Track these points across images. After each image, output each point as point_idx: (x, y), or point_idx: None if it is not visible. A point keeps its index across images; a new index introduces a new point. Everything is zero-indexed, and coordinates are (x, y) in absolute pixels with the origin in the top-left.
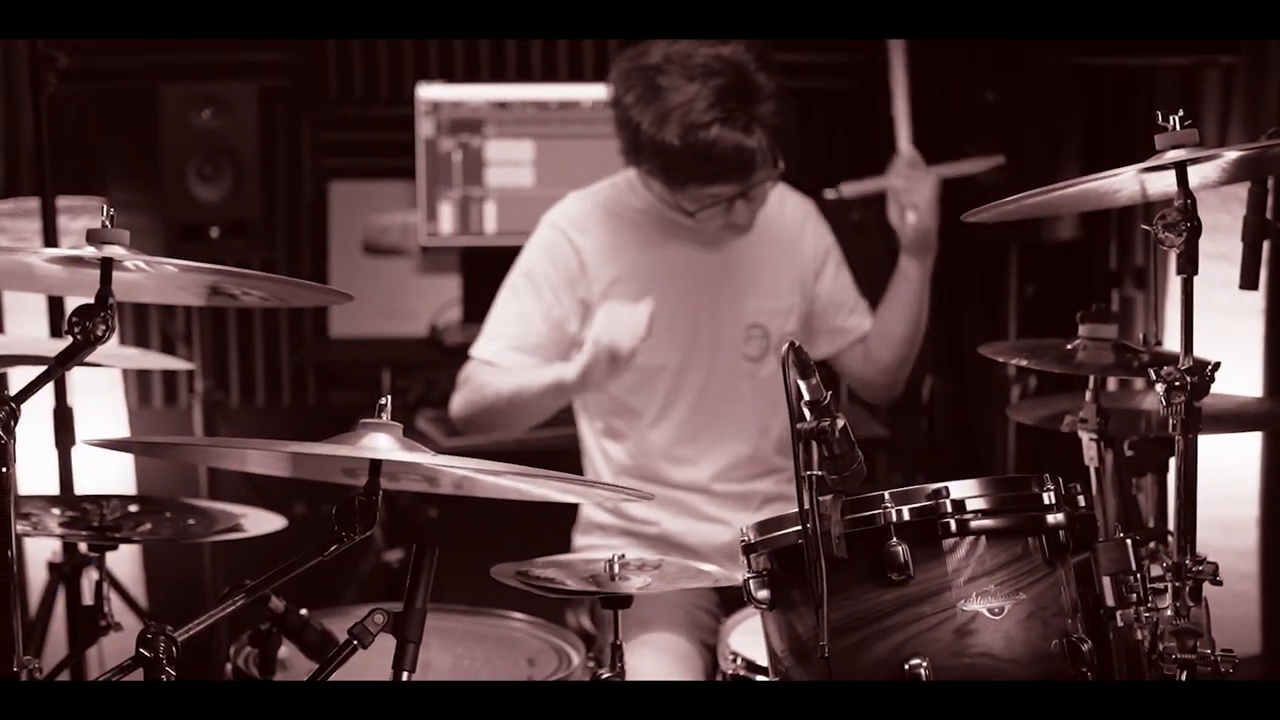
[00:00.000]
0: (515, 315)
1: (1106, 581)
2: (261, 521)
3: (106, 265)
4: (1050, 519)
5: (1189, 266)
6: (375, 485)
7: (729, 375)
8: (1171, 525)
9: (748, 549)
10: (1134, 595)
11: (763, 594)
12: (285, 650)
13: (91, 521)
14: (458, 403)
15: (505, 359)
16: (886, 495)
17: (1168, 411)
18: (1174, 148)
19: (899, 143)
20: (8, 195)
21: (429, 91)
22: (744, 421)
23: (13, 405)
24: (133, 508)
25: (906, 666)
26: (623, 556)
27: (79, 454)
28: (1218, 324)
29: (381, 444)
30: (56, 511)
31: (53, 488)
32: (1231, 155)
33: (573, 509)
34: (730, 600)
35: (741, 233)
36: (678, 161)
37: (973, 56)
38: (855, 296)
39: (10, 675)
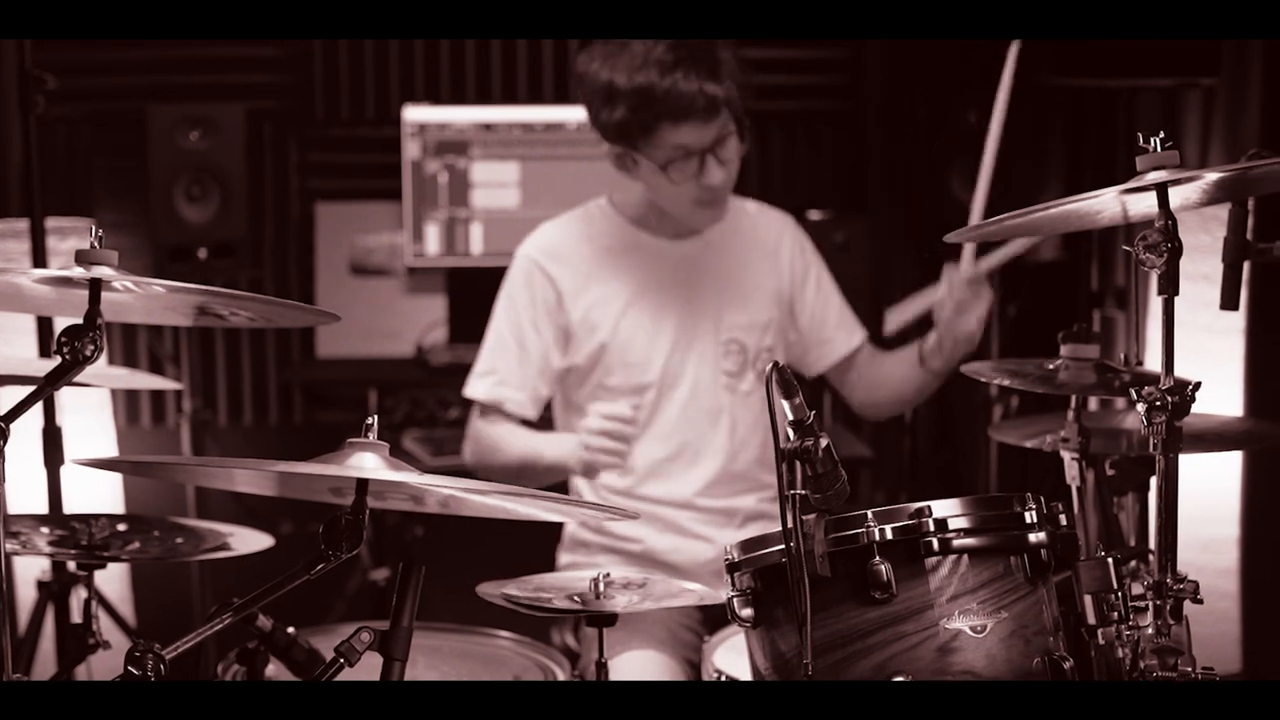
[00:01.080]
0: (500, 351)
1: (1088, 600)
2: (249, 540)
3: (95, 286)
4: (1032, 538)
5: (1170, 287)
6: (362, 504)
7: (709, 391)
8: (1152, 544)
9: (731, 567)
10: (1115, 613)
11: (746, 612)
12: (272, 668)
13: (80, 540)
14: (468, 456)
15: (496, 395)
16: (869, 514)
17: (1149, 431)
18: (1155, 169)
19: (964, 252)
20: None
21: (415, 113)
22: (725, 437)
23: (2, 425)
24: (121, 526)
25: None
26: (608, 575)
27: (68, 473)
28: (1199, 344)
29: (368, 463)
30: (45, 530)
31: (42, 507)
32: (1212, 177)
33: (558, 527)
34: (714, 618)
35: (716, 210)
36: (644, 105)
37: (955, 79)
38: (841, 310)
39: None
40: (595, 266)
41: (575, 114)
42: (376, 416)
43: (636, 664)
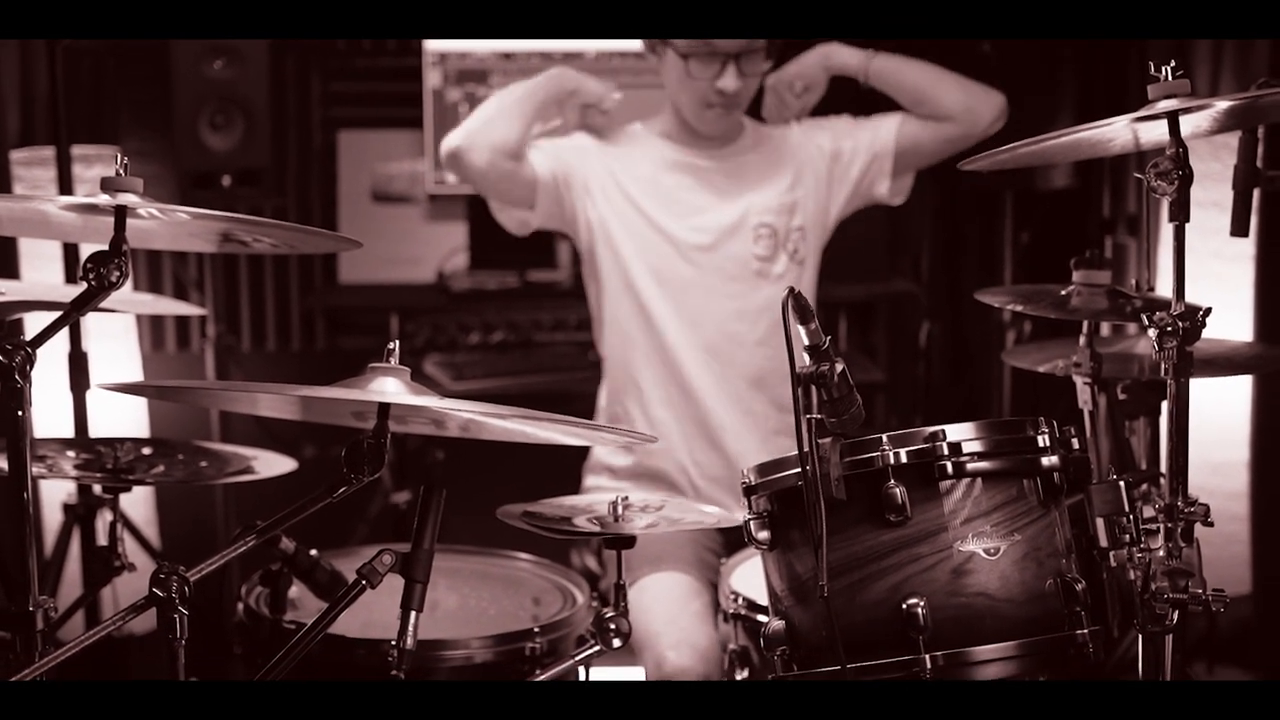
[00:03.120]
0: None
1: (1100, 523)
2: (272, 464)
3: (121, 213)
4: (1045, 461)
5: (1181, 214)
6: (384, 428)
7: (742, 276)
8: (1164, 467)
9: (748, 490)
10: (1127, 536)
11: (763, 535)
12: (295, 590)
13: (105, 464)
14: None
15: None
16: (884, 438)
17: (1160, 356)
18: (1166, 98)
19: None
20: (23, 144)
21: (436, 42)
22: (759, 335)
23: (28, 350)
24: (146, 450)
25: (904, 605)
26: (626, 498)
27: (93, 398)
28: (1209, 270)
29: (390, 388)
30: (71, 454)
31: (68, 431)
32: (1222, 105)
33: (580, 450)
34: (732, 540)
35: (728, 118)
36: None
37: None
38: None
39: (27, 613)
40: (624, 165)
41: (594, 42)
42: (398, 342)
43: (658, 584)
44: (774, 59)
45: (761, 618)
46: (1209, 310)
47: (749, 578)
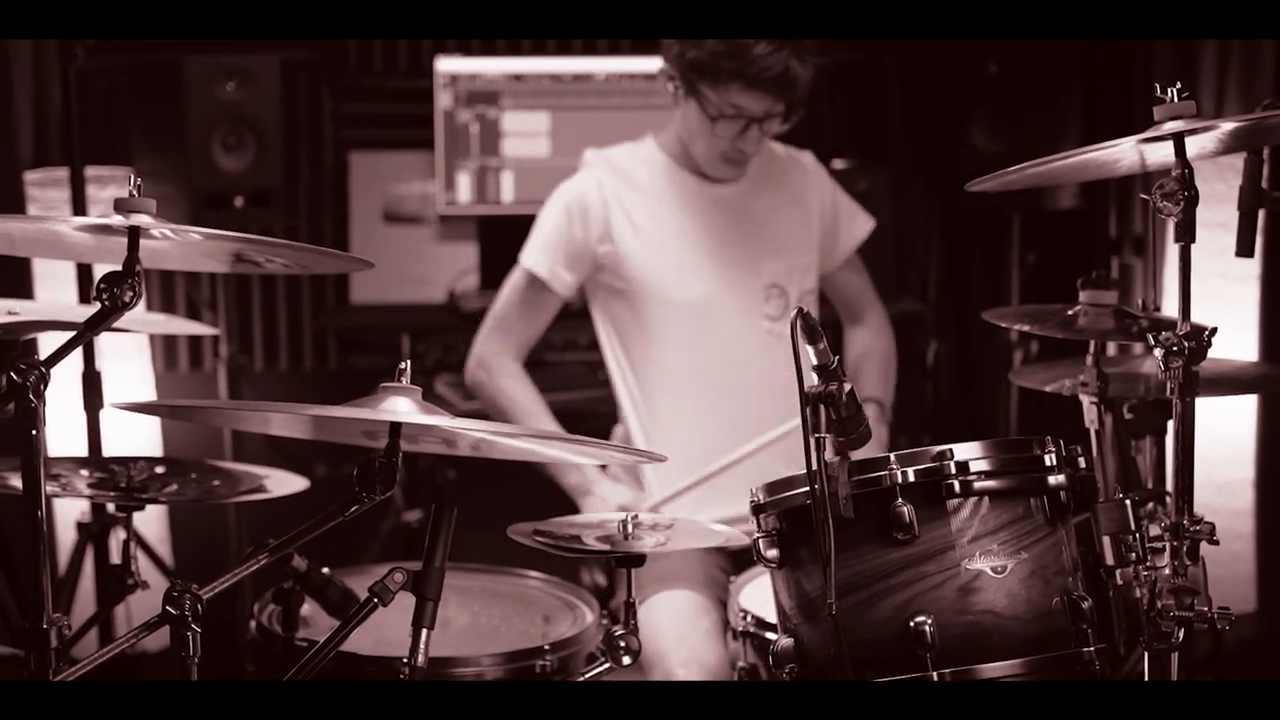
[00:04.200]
0: (550, 235)
1: (1106, 541)
2: (284, 483)
3: (134, 233)
4: (1052, 480)
5: (1187, 234)
6: (395, 447)
7: (751, 336)
8: (1169, 486)
9: (757, 509)
10: (1133, 554)
11: (772, 553)
12: (308, 608)
13: (119, 482)
14: (472, 379)
15: (541, 268)
16: (892, 457)
17: (1166, 375)
18: (1172, 119)
19: None
20: (37, 165)
21: (447, 64)
22: (767, 384)
23: (43, 370)
24: (159, 469)
25: (911, 623)
26: (635, 517)
27: (107, 417)
28: (1215, 290)
29: (401, 407)
30: (85, 473)
31: (81, 449)
32: (1228, 126)
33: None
34: (740, 558)
35: (738, 169)
36: (730, 56)
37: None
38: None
39: (41, 631)
40: (640, 193)
41: (603, 65)
42: (409, 361)
43: (668, 602)
44: (791, 121)
45: (770, 635)
46: (1214, 330)
47: (758, 596)
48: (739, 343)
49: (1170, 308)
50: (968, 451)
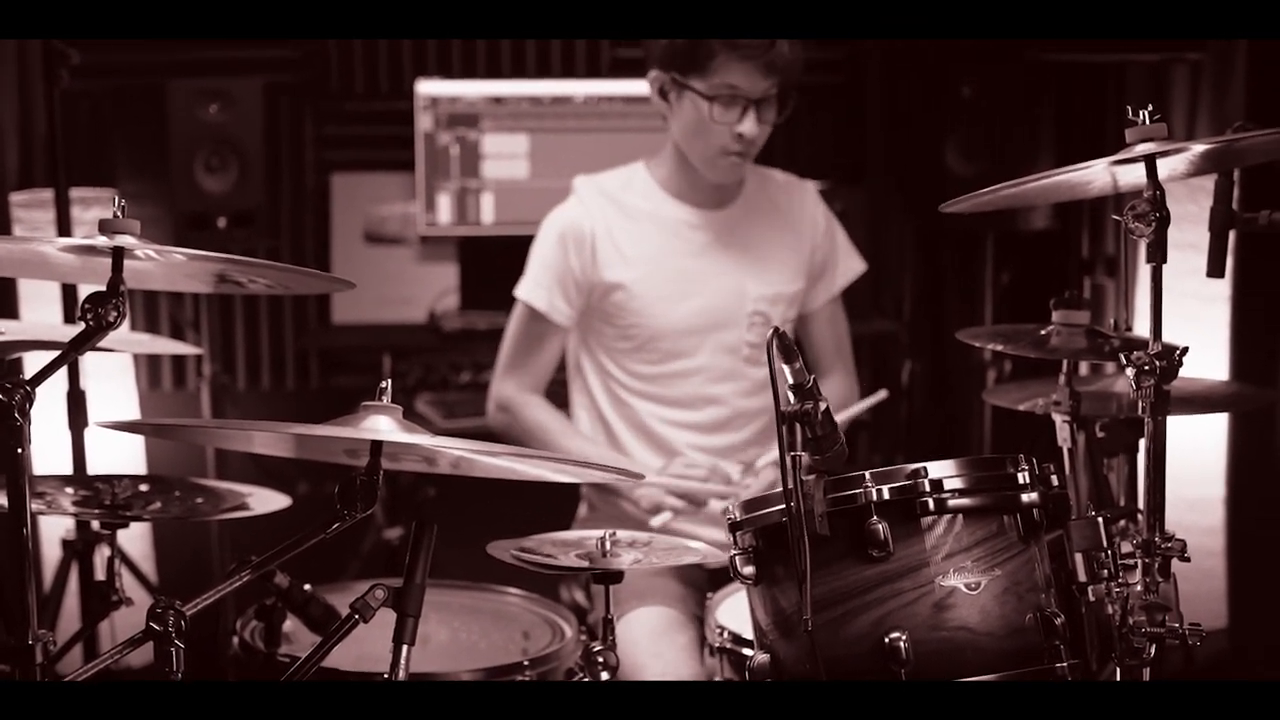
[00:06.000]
0: (545, 266)
1: (1079, 558)
2: (267, 500)
3: (118, 254)
4: (1025, 498)
5: (1158, 255)
6: (376, 465)
7: (729, 359)
8: (1141, 504)
9: (734, 526)
10: (1105, 571)
11: (748, 570)
12: (290, 624)
13: (103, 500)
14: (495, 424)
15: (540, 300)
16: (867, 475)
17: (1138, 394)
18: (1143, 141)
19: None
20: (22, 187)
21: (427, 87)
22: (749, 410)
23: (27, 388)
24: (143, 487)
25: (886, 640)
26: (614, 534)
27: (91, 435)
28: (1186, 310)
29: (382, 426)
30: (70, 491)
31: (66, 468)
32: (1199, 149)
33: (567, 487)
34: (717, 575)
35: (739, 169)
36: (714, 43)
37: (950, 53)
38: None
39: (27, 647)
40: (630, 221)
41: (582, 88)
42: (390, 381)
43: (645, 619)
44: (785, 113)
45: (747, 651)
46: (1186, 350)
47: (735, 612)
48: (718, 368)
49: (1142, 327)
50: (942, 469)
